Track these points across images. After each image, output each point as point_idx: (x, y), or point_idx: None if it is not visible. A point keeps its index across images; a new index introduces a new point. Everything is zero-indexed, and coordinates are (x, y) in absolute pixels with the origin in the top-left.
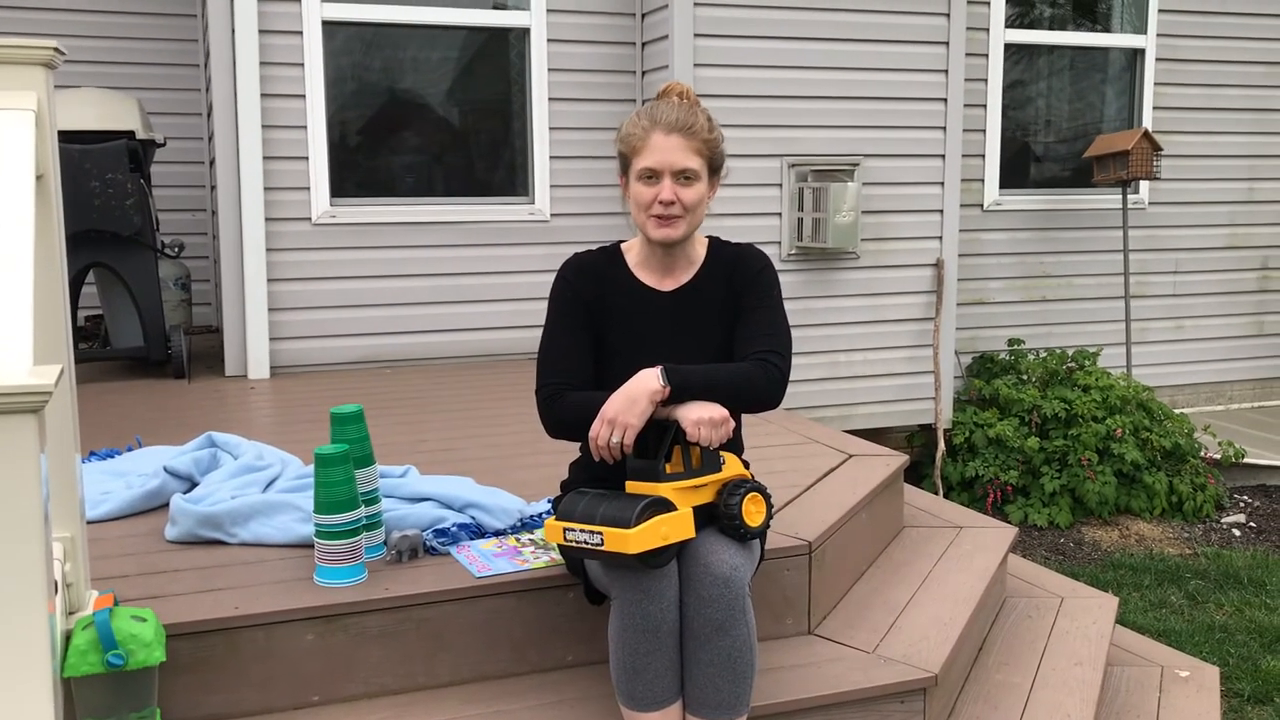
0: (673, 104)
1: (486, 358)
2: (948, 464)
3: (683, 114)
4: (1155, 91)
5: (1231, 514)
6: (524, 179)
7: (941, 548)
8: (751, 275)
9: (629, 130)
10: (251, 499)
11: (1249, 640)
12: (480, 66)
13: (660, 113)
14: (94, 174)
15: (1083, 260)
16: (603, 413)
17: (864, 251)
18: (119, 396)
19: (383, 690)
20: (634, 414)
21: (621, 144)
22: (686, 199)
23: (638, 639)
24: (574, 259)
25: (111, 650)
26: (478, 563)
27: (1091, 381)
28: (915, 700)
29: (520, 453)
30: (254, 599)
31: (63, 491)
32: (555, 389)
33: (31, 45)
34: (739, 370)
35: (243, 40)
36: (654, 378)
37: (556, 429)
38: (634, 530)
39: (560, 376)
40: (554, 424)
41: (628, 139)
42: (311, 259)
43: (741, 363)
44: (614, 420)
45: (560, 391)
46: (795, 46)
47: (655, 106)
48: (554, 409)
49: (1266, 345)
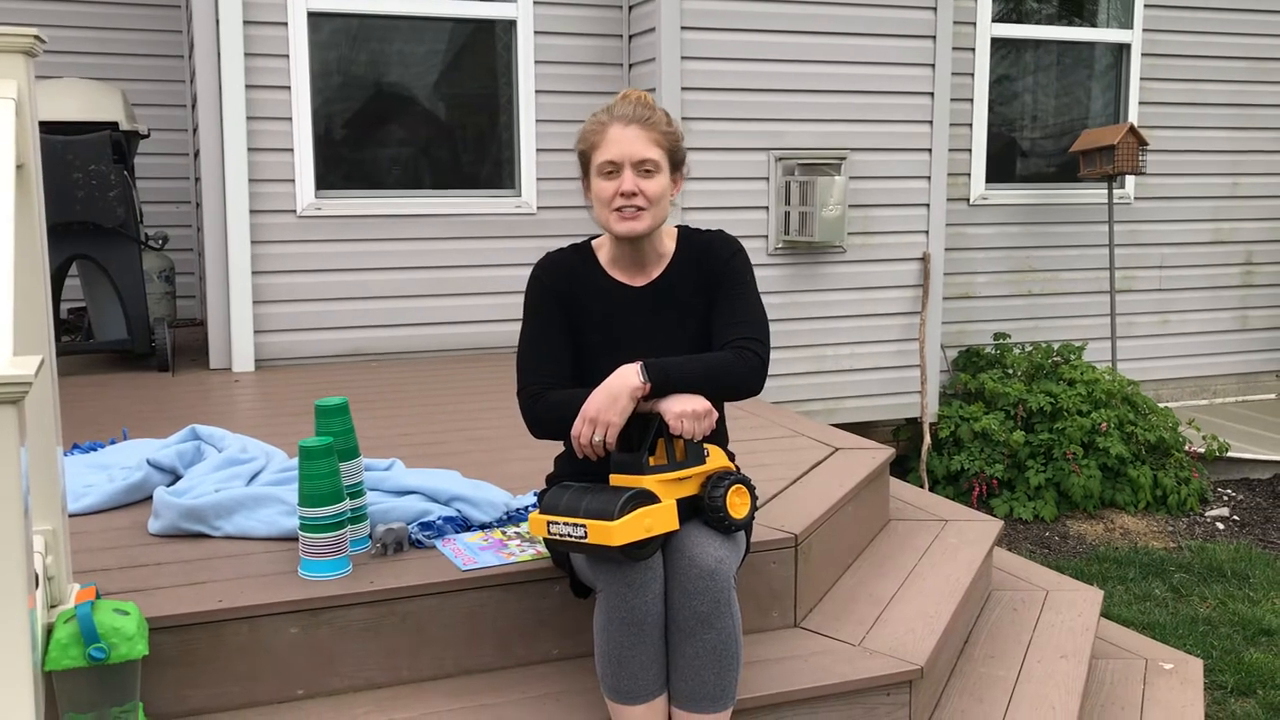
0: (630, 101)
1: (473, 351)
2: (933, 458)
3: (640, 108)
4: (1141, 86)
5: (1215, 507)
6: (510, 172)
7: (927, 541)
8: (723, 262)
9: (587, 128)
10: (235, 492)
11: (1232, 633)
12: (467, 59)
13: (617, 108)
14: (77, 165)
15: (1068, 255)
16: (584, 411)
17: (851, 245)
18: (102, 389)
19: (367, 684)
20: (615, 411)
21: (581, 143)
22: (649, 190)
23: (623, 631)
24: (546, 258)
25: (93, 644)
26: (463, 556)
27: (1077, 376)
28: (901, 693)
29: (506, 446)
30: (238, 592)
31: (44, 484)
32: (536, 389)
33: (12, 33)
34: (718, 360)
35: (227, 31)
36: (634, 374)
37: (539, 429)
38: (617, 522)
39: (540, 376)
40: (536, 424)
41: (586, 136)
42: (296, 251)
43: (720, 352)
44: (595, 418)
45: (541, 392)
46: (782, 40)
47: (612, 105)
48: (536, 409)
49: (1250, 340)
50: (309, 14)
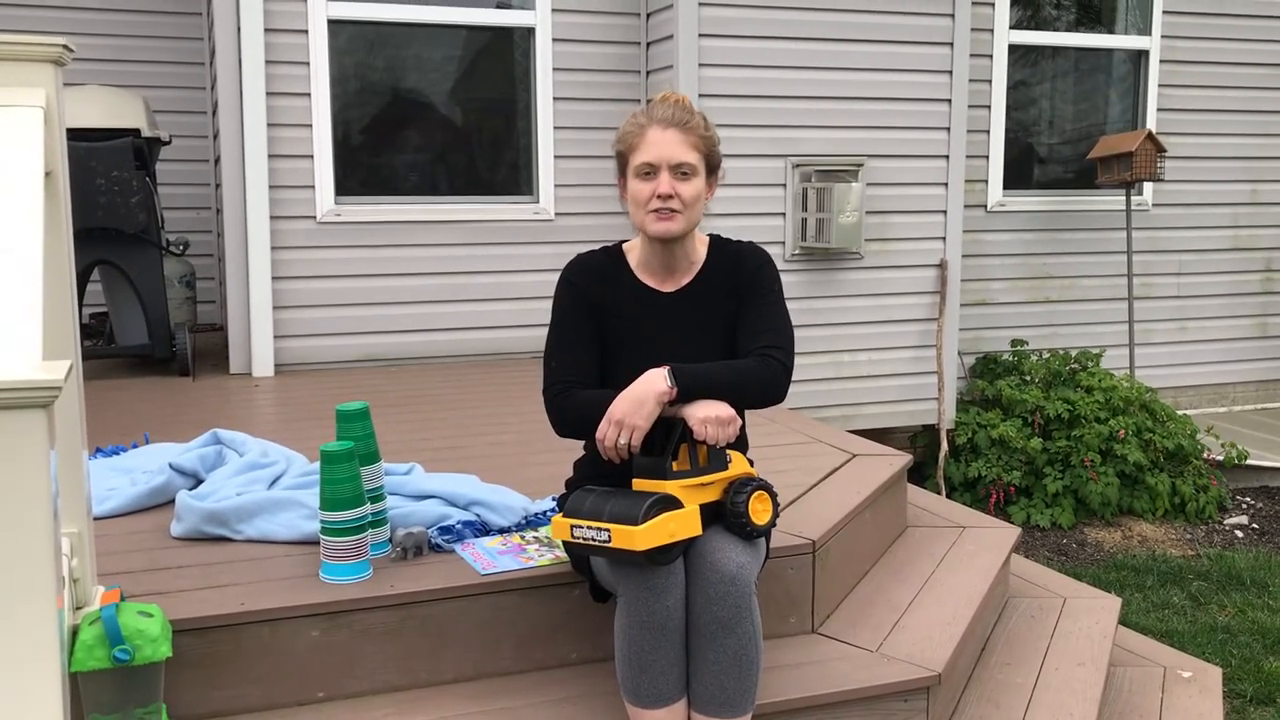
0: (669, 103)
1: (491, 356)
2: (950, 464)
3: (679, 111)
4: (1159, 93)
5: (1234, 515)
6: (528, 178)
7: (945, 548)
8: (751, 272)
9: (625, 129)
10: (257, 496)
11: (1251, 641)
12: (485, 65)
13: (656, 110)
14: (99, 171)
15: (1086, 261)
16: (609, 414)
17: (868, 252)
18: (123, 394)
19: (386, 687)
20: (641, 415)
21: (619, 143)
22: (684, 193)
23: (643, 636)
24: (576, 260)
25: (118, 645)
26: (482, 560)
27: (1094, 383)
28: (918, 699)
29: (525, 451)
30: (259, 595)
31: (70, 487)
32: (563, 388)
33: (41, 42)
34: (743, 367)
35: (248, 38)
36: (661, 379)
37: (564, 427)
38: (641, 527)
39: (567, 375)
40: (561, 422)
41: (625, 137)
42: (316, 257)
43: (745, 359)
44: (621, 421)
45: (568, 390)
46: (799, 47)
47: (651, 106)
48: (561, 407)
49: (1270, 347)
50: (329, 21)
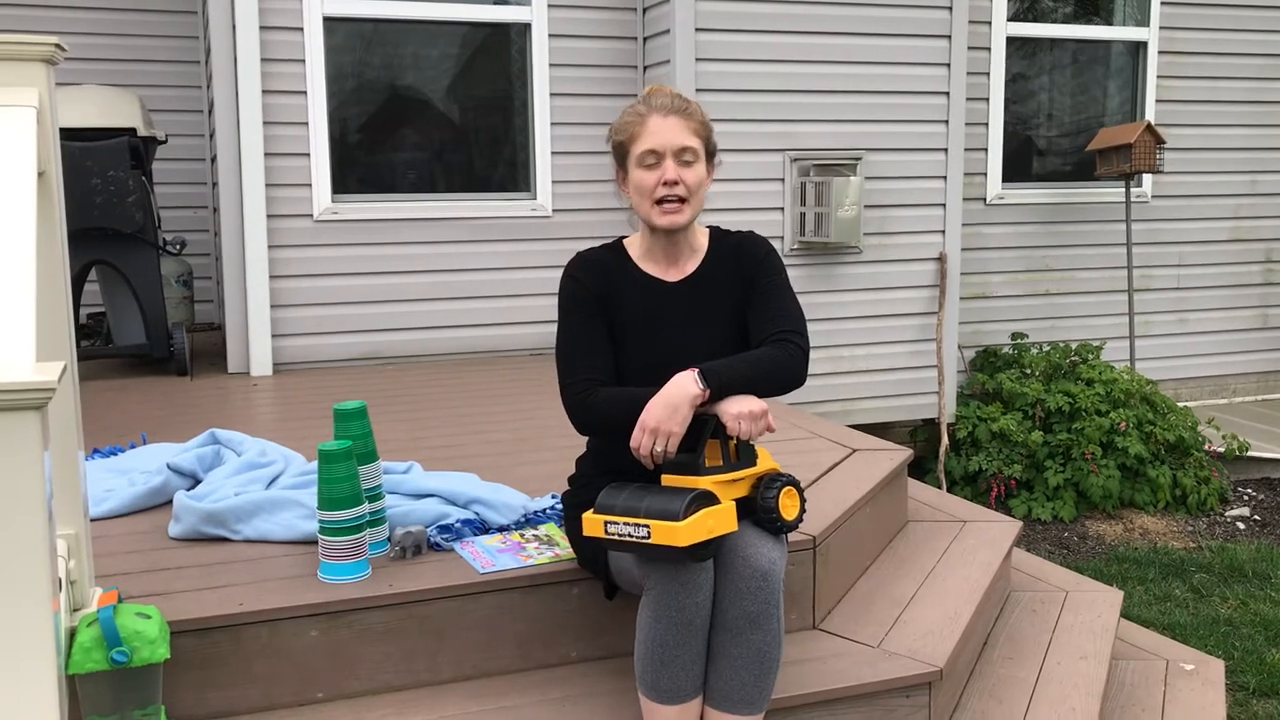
0: (664, 94)
1: (489, 354)
2: (951, 458)
3: (677, 100)
4: (1158, 84)
5: (1235, 507)
6: (526, 175)
7: (946, 542)
8: (758, 260)
9: (624, 120)
10: (255, 496)
11: (1254, 634)
12: (481, 62)
13: (654, 100)
14: (95, 171)
15: (1086, 254)
16: (643, 422)
17: (867, 246)
18: (121, 394)
19: (386, 687)
20: (676, 421)
21: (617, 134)
22: (689, 179)
23: (670, 631)
24: (579, 257)
25: (116, 647)
26: (481, 558)
27: (1095, 375)
28: (920, 694)
29: (523, 449)
30: (258, 595)
31: (66, 488)
32: (584, 385)
33: (33, 41)
34: (767, 356)
35: (244, 36)
36: (692, 382)
37: (588, 428)
38: (683, 523)
39: (586, 372)
40: (586, 423)
41: (624, 128)
42: (313, 255)
43: (765, 348)
44: (657, 429)
45: (591, 388)
46: (797, 40)
47: (647, 97)
48: (587, 407)
49: (1270, 338)
50: (325, 19)
